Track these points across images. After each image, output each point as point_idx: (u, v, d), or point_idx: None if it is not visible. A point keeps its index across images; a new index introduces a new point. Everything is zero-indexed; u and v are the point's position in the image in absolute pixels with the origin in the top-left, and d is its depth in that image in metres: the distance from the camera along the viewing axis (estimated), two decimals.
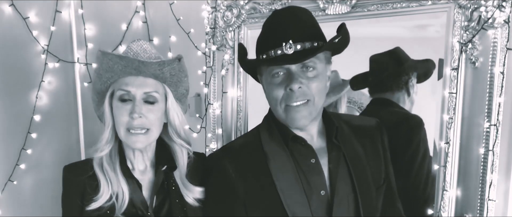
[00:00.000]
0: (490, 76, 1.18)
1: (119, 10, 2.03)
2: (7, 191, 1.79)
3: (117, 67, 1.10)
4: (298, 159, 1.10)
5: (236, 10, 1.64)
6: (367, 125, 1.23)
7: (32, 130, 1.84)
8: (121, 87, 1.12)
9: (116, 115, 1.13)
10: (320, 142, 1.14)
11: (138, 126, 1.11)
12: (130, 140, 1.12)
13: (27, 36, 1.81)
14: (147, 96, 1.12)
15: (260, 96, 1.20)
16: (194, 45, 1.92)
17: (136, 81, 1.12)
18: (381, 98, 1.52)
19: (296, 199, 1.06)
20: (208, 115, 1.83)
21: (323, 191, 1.08)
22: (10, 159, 1.80)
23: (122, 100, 1.12)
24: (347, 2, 1.37)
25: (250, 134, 1.23)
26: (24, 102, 1.83)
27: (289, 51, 1.03)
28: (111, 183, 1.13)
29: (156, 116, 1.14)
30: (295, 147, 1.11)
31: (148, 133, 1.13)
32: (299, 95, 1.04)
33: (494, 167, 1.19)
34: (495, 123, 1.17)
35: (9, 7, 1.75)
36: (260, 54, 1.10)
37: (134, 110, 1.10)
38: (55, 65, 1.89)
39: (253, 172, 1.12)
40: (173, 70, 1.14)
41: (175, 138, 1.21)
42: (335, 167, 1.11)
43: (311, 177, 1.09)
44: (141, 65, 1.09)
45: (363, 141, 1.18)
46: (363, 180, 1.12)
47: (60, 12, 1.89)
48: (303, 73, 1.05)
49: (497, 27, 1.15)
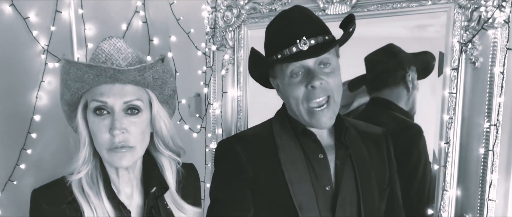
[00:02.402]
0: (490, 76, 1.18)
1: (119, 10, 2.03)
2: (7, 191, 1.79)
3: (88, 77, 0.91)
4: (307, 153, 1.11)
5: (236, 10, 1.64)
6: (373, 132, 1.24)
7: (32, 130, 1.84)
8: (95, 98, 0.93)
9: (94, 132, 0.95)
10: (329, 139, 1.15)
11: (121, 143, 0.93)
12: (114, 158, 0.93)
13: (27, 36, 1.81)
14: (128, 107, 0.94)
15: (260, 97, 1.20)
16: (194, 45, 1.92)
17: (113, 90, 0.93)
18: (380, 98, 1.51)
19: (304, 191, 1.08)
20: (208, 115, 1.83)
21: (328, 186, 1.10)
22: (10, 159, 1.80)
23: (98, 114, 0.93)
24: (347, 2, 1.38)
25: (262, 125, 1.23)
26: (24, 102, 1.83)
27: (304, 47, 1.03)
28: (95, 210, 0.95)
29: (140, 129, 0.96)
30: (305, 141, 1.12)
31: (133, 150, 0.95)
32: (320, 92, 1.04)
33: (494, 167, 1.19)
34: (495, 123, 1.17)
35: (9, 7, 1.75)
36: (274, 55, 1.09)
37: (115, 125, 0.91)
38: (55, 65, 1.89)
39: (264, 159, 1.13)
40: (156, 74, 0.95)
41: (163, 149, 1.05)
42: (341, 165, 1.12)
43: (318, 172, 1.10)
44: (117, 73, 0.90)
45: (369, 146, 1.18)
46: (366, 181, 1.13)
47: (60, 12, 1.89)
48: (321, 70, 1.05)
49: (497, 27, 1.15)
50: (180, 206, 1.07)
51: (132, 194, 1.04)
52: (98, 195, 0.97)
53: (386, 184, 1.19)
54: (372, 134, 1.23)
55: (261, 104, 1.68)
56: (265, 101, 1.15)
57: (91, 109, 0.94)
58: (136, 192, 1.04)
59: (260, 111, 1.69)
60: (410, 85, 1.44)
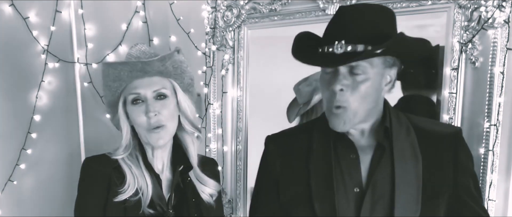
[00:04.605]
0: (490, 76, 1.18)
1: (119, 10, 2.03)
2: (7, 191, 1.79)
3: (124, 74, 1.16)
4: (339, 153, 1.09)
5: (236, 10, 1.64)
6: (441, 131, 1.12)
7: (32, 130, 1.84)
8: (131, 92, 1.18)
9: (134, 118, 1.18)
10: (370, 139, 1.10)
11: (155, 124, 1.16)
12: (152, 139, 1.17)
13: (27, 36, 1.80)
14: (157, 94, 1.18)
15: (260, 97, 1.20)
16: (194, 45, 1.92)
17: (144, 83, 1.17)
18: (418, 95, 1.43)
19: (322, 190, 1.07)
20: (208, 115, 1.83)
21: (357, 188, 1.07)
22: (10, 159, 1.80)
23: (135, 104, 1.18)
24: (347, 2, 1.37)
25: (310, 122, 1.26)
26: (24, 102, 1.83)
27: (339, 50, 0.99)
28: (136, 177, 1.18)
29: (169, 110, 1.19)
30: (338, 140, 1.10)
31: (166, 129, 1.18)
32: (340, 98, 1.01)
33: (494, 167, 1.19)
34: (495, 123, 1.17)
35: (9, 7, 1.75)
36: (320, 48, 1.05)
37: (149, 108, 1.15)
38: (55, 65, 1.89)
39: (294, 156, 1.15)
40: (175, 63, 1.20)
41: (188, 126, 1.26)
42: (375, 166, 1.07)
43: (348, 172, 1.07)
44: (144, 66, 1.15)
45: (426, 146, 1.08)
46: (407, 186, 1.04)
47: (60, 12, 1.89)
48: (351, 76, 1.01)
49: (497, 27, 1.15)
50: (200, 177, 1.28)
51: (163, 169, 1.26)
52: (138, 165, 1.21)
53: (442, 191, 1.05)
54: (437, 133, 1.11)
55: (261, 104, 1.68)
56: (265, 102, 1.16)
57: (130, 102, 1.18)
58: (166, 168, 1.27)
59: (260, 111, 1.69)
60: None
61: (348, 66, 1.00)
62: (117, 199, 1.14)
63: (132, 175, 1.18)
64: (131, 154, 1.22)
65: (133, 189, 1.16)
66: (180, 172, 1.25)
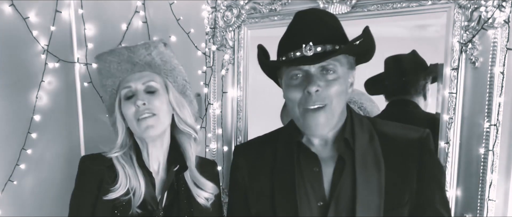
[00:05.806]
0: (490, 76, 1.18)
1: (119, 10, 2.03)
2: (7, 191, 1.79)
3: (113, 67, 1.20)
4: (302, 166, 1.08)
5: (236, 10, 1.64)
6: (407, 137, 1.09)
7: (32, 130, 1.84)
8: (124, 86, 1.21)
9: (125, 112, 1.20)
10: (332, 150, 1.09)
11: (144, 112, 1.17)
12: (141, 127, 1.17)
13: (27, 36, 1.80)
14: (147, 87, 1.20)
15: (260, 97, 1.20)
16: (194, 45, 1.92)
17: (134, 77, 1.21)
18: (403, 99, 1.50)
19: (285, 206, 1.06)
20: (208, 115, 1.83)
21: (321, 202, 1.06)
22: (10, 159, 1.80)
23: (127, 99, 1.20)
24: (347, 2, 1.37)
25: (275, 131, 1.25)
26: (24, 102, 1.83)
27: (308, 53, 1.00)
28: (129, 176, 1.19)
29: (160, 102, 1.20)
30: (302, 153, 1.09)
31: (157, 117, 1.18)
32: (317, 98, 1.01)
33: (494, 167, 1.19)
34: (495, 123, 1.17)
35: (9, 7, 1.74)
36: (280, 56, 1.08)
37: (138, 97, 1.17)
38: (55, 65, 1.89)
39: (260, 168, 1.15)
40: (162, 56, 1.22)
41: (183, 126, 1.25)
42: (338, 179, 1.06)
43: (311, 186, 1.07)
44: (130, 54, 1.20)
45: (389, 153, 1.07)
46: (369, 197, 1.03)
47: (60, 12, 1.89)
48: (323, 76, 1.02)
49: (497, 27, 1.15)
50: (199, 181, 1.27)
51: (158, 170, 1.26)
52: (132, 164, 1.22)
53: (405, 200, 1.04)
54: (402, 139, 1.08)
55: (261, 104, 1.68)
56: (265, 101, 1.16)
57: (123, 98, 1.21)
58: (161, 169, 1.27)
59: (260, 111, 1.69)
60: (427, 94, 1.46)
61: (319, 67, 1.02)
62: (107, 197, 1.15)
63: (124, 174, 1.19)
64: (126, 153, 1.23)
65: (124, 188, 1.17)
66: (176, 172, 1.25)
